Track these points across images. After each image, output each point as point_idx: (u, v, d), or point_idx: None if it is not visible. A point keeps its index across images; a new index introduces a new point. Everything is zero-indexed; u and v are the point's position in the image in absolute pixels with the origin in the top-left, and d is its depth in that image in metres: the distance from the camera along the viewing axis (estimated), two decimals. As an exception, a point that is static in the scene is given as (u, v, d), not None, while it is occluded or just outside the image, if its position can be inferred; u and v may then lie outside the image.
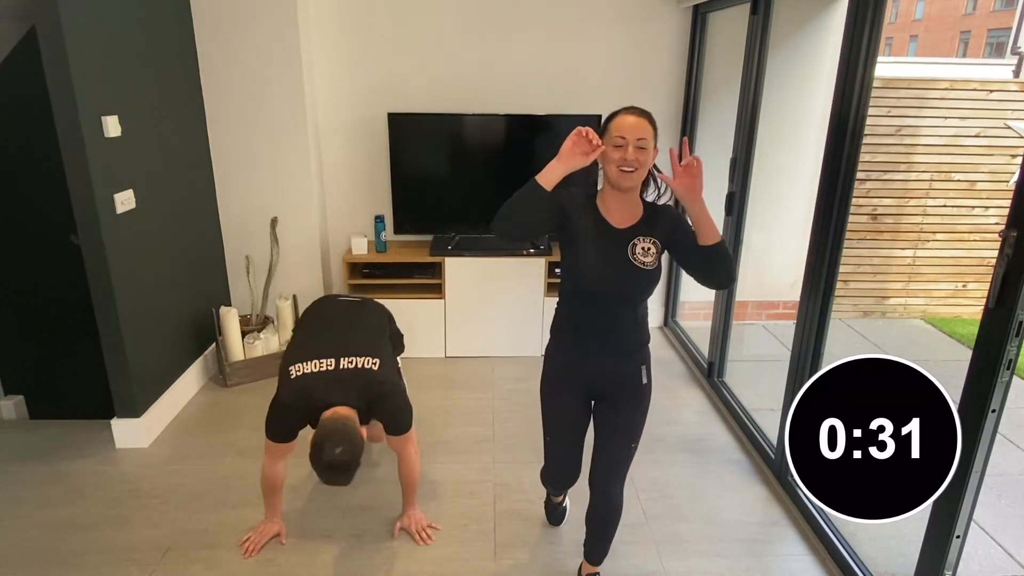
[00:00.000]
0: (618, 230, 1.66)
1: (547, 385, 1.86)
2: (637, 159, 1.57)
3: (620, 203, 1.66)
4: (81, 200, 2.44)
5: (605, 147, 1.58)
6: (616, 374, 1.76)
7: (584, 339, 1.73)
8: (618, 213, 1.67)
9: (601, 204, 1.68)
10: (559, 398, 1.84)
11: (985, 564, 2.32)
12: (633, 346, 1.75)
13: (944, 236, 4.69)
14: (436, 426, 2.95)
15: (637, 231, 1.66)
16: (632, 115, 1.60)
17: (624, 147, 1.57)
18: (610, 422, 1.80)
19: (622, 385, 1.77)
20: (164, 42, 2.96)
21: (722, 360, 3.25)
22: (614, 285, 1.65)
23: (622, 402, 1.78)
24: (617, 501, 1.88)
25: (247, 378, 3.31)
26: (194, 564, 2.12)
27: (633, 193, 1.66)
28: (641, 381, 1.77)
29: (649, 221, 1.68)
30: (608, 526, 1.93)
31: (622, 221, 1.67)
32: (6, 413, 3.04)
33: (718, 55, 3.56)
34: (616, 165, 1.58)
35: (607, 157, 1.59)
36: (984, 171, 4.56)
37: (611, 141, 1.59)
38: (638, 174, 1.60)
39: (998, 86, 4.49)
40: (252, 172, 3.43)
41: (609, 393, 1.79)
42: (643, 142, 1.57)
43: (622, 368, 1.75)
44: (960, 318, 4.84)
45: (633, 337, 1.74)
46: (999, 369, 1.48)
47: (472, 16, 3.53)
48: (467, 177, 3.65)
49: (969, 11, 22.19)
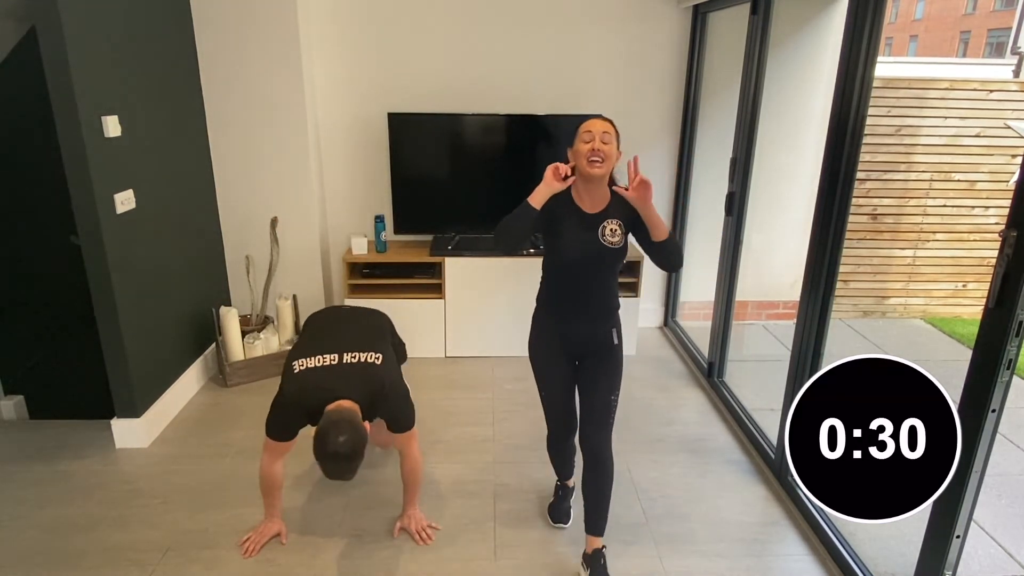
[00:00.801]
0: (589, 215, 1.95)
1: (534, 348, 2.15)
2: (603, 150, 1.86)
3: (591, 192, 1.95)
4: (81, 200, 2.44)
5: (576, 146, 1.91)
6: (591, 337, 2.06)
7: (563, 307, 2.05)
8: (589, 201, 1.96)
9: (575, 194, 1.97)
10: (546, 358, 2.12)
11: (985, 564, 2.32)
12: (605, 312, 2.06)
13: (944, 236, 4.69)
14: (436, 426, 2.95)
15: (606, 215, 1.95)
16: (597, 119, 1.94)
17: (592, 140, 1.87)
18: (591, 378, 2.07)
19: (597, 346, 2.07)
20: (164, 42, 2.96)
21: (722, 360, 3.25)
22: (587, 262, 1.96)
23: (599, 361, 2.07)
24: (607, 457, 2.03)
25: (247, 378, 3.31)
26: (194, 564, 2.12)
27: (601, 183, 1.94)
28: (613, 342, 2.07)
29: (615, 207, 1.97)
30: (603, 488, 2.05)
31: (593, 207, 1.96)
32: (6, 413, 3.04)
33: (718, 55, 3.56)
34: (586, 157, 1.87)
35: (579, 153, 1.89)
36: (984, 171, 4.56)
37: (581, 139, 1.90)
38: (604, 166, 1.88)
39: (998, 86, 4.49)
40: (252, 172, 3.43)
41: (588, 354, 2.08)
42: (607, 136, 1.88)
43: (596, 331, 2.06)
44: (960, 318, 4.84)
45: (604, 304, 2.05)
46: (999, 369, 1.48)
47: (472, 16, 3.54)
48: (467, 177, 3.65)
49: (969, 11, 22.19)
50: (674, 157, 3.84)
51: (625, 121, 3.71)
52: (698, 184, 3.83)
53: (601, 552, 2.07)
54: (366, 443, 1.90)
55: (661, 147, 3.82)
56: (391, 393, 2.06)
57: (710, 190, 3.62)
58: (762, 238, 3.82)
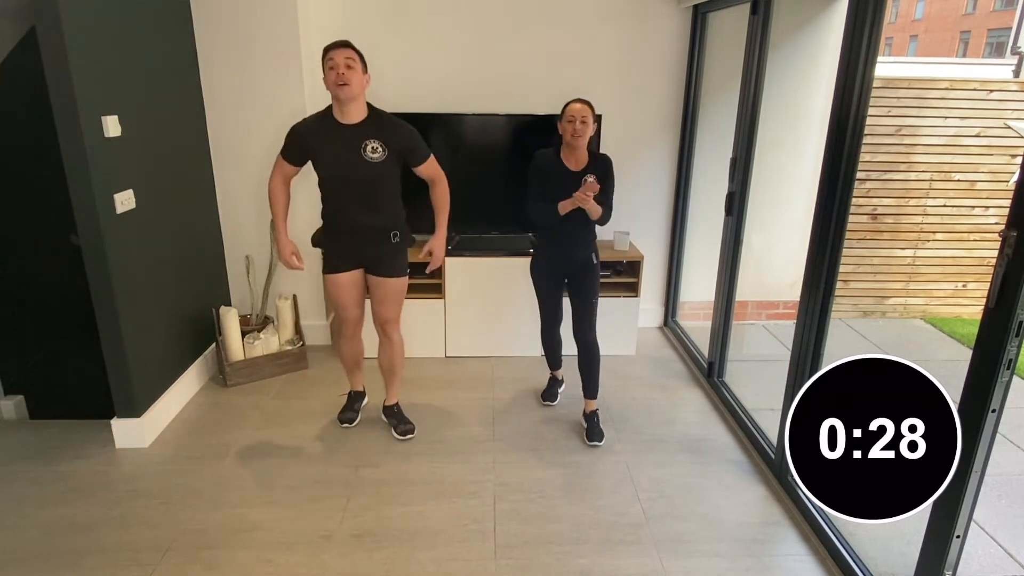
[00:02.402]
0: (572, 171, 2.66)
1: (535, 269, 2.90)
2: (581, 130, 2.57)
3: (574, 154, 2.66)
4: (81, 200, 2.44)
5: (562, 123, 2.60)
6: (577, 259, 2.78)
7: (556, 239, 2.78)
8: (572, 161, 2.67)
9: (563, 155, 2.68)
10: (543, 276, 2.88)
11: (985, 564, 2.32)
12: (586, 241, 2.78)
13: (944, 236, 4.69)
14: (436, 426, 2.95)
15: (585, 171, 2.65)
16: (577, 103, 2.60)
17: (574, 122, 2.56)
18: (578, 288, 2.83)
19: (581, 266, 2.79)
20: (164, 42, 2.96)
21: (722, 360, 3.25)
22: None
23: (583, 276, 2.80)
24: (593, 344, 2.83)
25: (247, 378, 3.31)
26: (194, 564, 2.12)
27: (581, 149, 2.64)
28: (593, 262, 2.80)
29: (592, 165, 2.68)
30: (592, 366, 2.87)
31: (576, 165, 2.67)
32: (6, 413, 3.04)
33: (718, 55, 3.56)
34: (569, 134, 2.58)
35: (564, 129, 2.60)
36: (984, 171, 4.55)
37: (566, 118, 2.59)
38: (583, 138, 2.59)
39: (998, 86, 4.49)
40: (252, 172, 3.43)
41: (574, 272, 2.82)
42: (585, 118, 2.56)
43: (580, 255, 2.78)
44: (960, 318, 4.83)
45: (585, 236, 2.77)
46: (999, 369, 1.48)
47: (472, 16, 3.54)
48: (467, 177, 3.64)
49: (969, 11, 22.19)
50: (674, 157, 3.84)
51: (625, 121, 3.74)
52: (698, 184, 3.83)
53: (596, 412, 2.92)
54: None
55: (661, 147, 3.81)
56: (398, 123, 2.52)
57: (710, 190, 3.62)
58: (762, 238, 3.82)
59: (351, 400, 2.99)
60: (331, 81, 2.34)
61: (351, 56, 2.35)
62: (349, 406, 2.98)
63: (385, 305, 2.71)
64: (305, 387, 3.30)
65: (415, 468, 2.64)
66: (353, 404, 2.98)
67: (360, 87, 2.39)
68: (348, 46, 2.37)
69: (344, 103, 2.39)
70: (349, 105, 2.40)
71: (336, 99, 2.40)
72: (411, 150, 2.54)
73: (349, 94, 2.35)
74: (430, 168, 2.62)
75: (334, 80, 2.33)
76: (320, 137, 2.44)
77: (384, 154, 2.46)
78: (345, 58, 2.33)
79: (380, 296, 2.69)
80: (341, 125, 2.43)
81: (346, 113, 2.42)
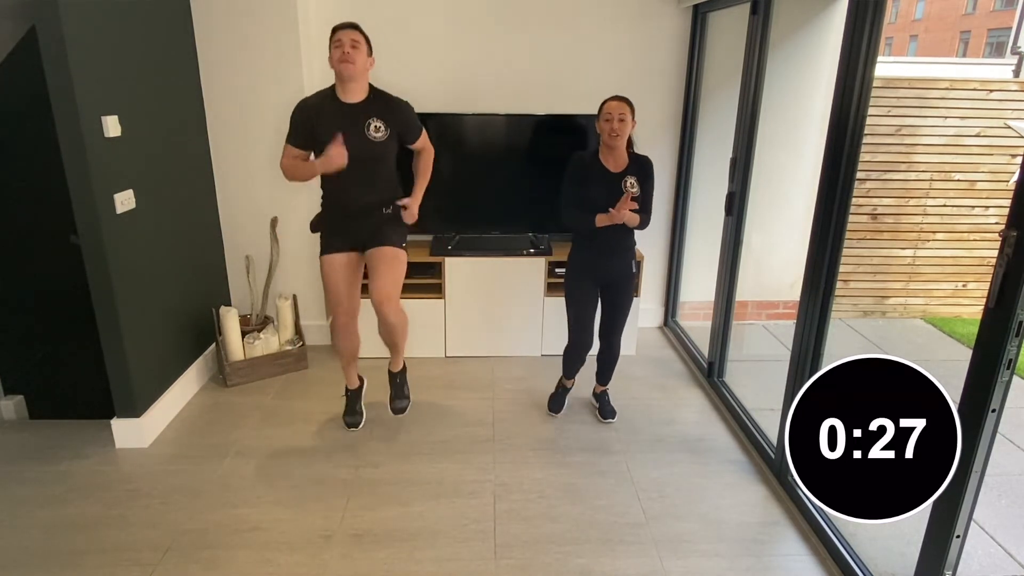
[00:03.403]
0: (613, 173, 2.59)
1: (572, 280, 2.78)
2: (620, 128, 2.52)
3: (613, 155, 2.59)
4: (81, 200, 2.44)
5: (600, 123, 2.56)
6: (617, 268, 2.72)
7: (597, 247, 2.68)
8: (612, 162, 2.60)
9: (602, 156, 2.61)
10: (579, 286, 2.75)
11: (985, 564, 2.32)
12: (625, 248, 2.71)
13: (944, 236, 4.69)
14: (436, 426, 2.95)
15: (626, 173, 2.60)
16: (614, 100, 2.55)
17: (611, 120, 2.51)
18: (613, 299, 2.79)
19: (620, 276, 2.74)
20: (164, 42, 2.96)
21: (722, 360, 3.25)
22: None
23: (620, 287, 2.76)
24: (618, 346, 2.90)
25: (247, 378, 3.31)
26: (194, 564, 2.12)
27: (620, 149, 2.57)
28: (631, 271, 2.75)
29: (632, 167, 2.61)
30: (613, 362, 2.95)
31: (616, 167, 2.60)
32: (6, 413, 3.04)
33: (718, 55, 3.56)
34: (607, 134, 2.53)
35: (602, 128, 2.55)
36: (984, 171, 4.55)
37: (603, 117, 2.54)
38: (621, 137, 2.53)
39: (998, 86, 4.49)
40: (252, 172, 3.43)
41: (613, 281, 2.75)
42: (623, 115, 2.51)
43: (620, 264, 2.72)
44: (960, 318, 4.83)
45: (625, 243, 2.70)
46: (999, 369, 1.48)
47: (471, 16, 3.54)
48: (467, 177, 3.65)
49: (969, 11, 22.18)
50: (674, 157, 3.84)
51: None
52: (698, 184, 3.82)
53: (606, 391, 3.05)
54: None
55: (661, 147, 3.81)
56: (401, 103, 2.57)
57: (710, 190, 3.62)
58: (762, 238, 3.82)
59: (351, 401, 2.98)
60: (335, 59, 2.42)
61: (357, 37, 2.43)
62: (351, 408, 2.96)
63: (380, 276, 2.56)
64: (305, 387, 3.30)
65: (415, 468, 2.64)
66: (354, 405, 2.97)
67: (363, 67, 2.46)
68: (355, 27, 2.46)
69: (346, 81, 2.45)
70: (351, 84, 2.46)
71: (339, 77, 2.47)
72: (409, 127, 2.60)
73: (351, 72, 2.42)
74: (423, 141, 2.69)
75: (338, 58, 2.40)
76: (323, 114, 2.49)
77: (386, 133, 2.52)
78: (351, 38, 2.41)
79: (375, 265, 2.58)
80: (343, 104, 2.49)
81: (348, 92, 2.48)
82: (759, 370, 3.68)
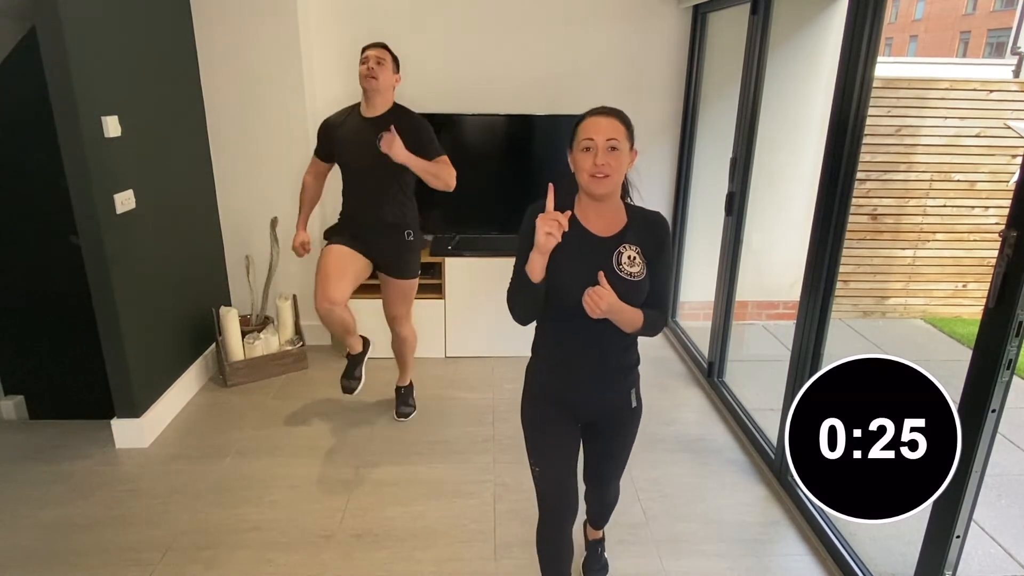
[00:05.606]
0: (600, 238, 1.51)
1: (530, 406, 1.68)
2: (608, 163, 1.42)
3: (599, 210, 1.52)
4: (81, 200, 2.44)
5: (575, 154, 1.47)
6: (605, 401, 1.64)
7: (569, 363, 1.58)
8: (598, 220, 1.52)
9: (580, 213, 1.52)
10: (544, 419, 1.65)
11: (985, 564, 2.32)
12: (622, 370, 1.62)
13: (944, 236, 4.69)
14: (436, 426, 2.95)
15: (622, 238, 1.51)
16: (600, 115, 1.46)
17: (593, 150, 1.42)
18: (602, 449, 1.73)
19: (613, 413, 1.67)
20: (164, 42, 2.96)
21: (722, 360, 3.25)
22: None
23: (614, 430, 1.69)
24: (615, 491, 1.93)
25: (247, 378, 3.31)
26: (194, 564, 2.12)
27: (611, 199, 1.52)
28: (631, 406, 1.68)
29: (635, 227, 1.53)
30: (607, 509, 1.98)
31: (605, 229, 1.52)
32: (6, 413, 3.04)
33: (718, 55, 3.56)
34: (587, 172, 1.44)
35: (578, 165, 1.46)
36: (984, 171, 4.56)
37: (579, 146, 1.45)
38: (612, 180, 1.44)
39: (998, 86, 4.49)
40: (252, 172, 3.43)
41: (599, 421, 1.68)
42: (614, 142, 1.42)
43: (611, 394, 1.63)
44: (960, 318, 4.83)
45: (621, 360, 1.59)
46: (999, 369, 1.48)
47: (471, 16, 3.54)
48: (467, 177, 3.62)
49: (969, 11, 22.19)
50: (674, 157, 3.84)
51: (625, 121, 3.74)
52: (698, 184, 3.82)
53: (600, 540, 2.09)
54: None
55: (661, 147, 3.81)
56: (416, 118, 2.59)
57: (710, 190, 3.61)
58: (762, 238, 3.82)
59: (351, 364, 2.85)
60: (361, 74, 2.53)
61: (382, 55, 2.55)
62: (349, 371, 2.83)
63: (394, 304, 2.84)
64: (305, 387, 3.30)
65: (415, 468, 2.64)
66: (353, 370, 2.84)
67: (387, 83, 2.57)
68: (383, 46, 2.58)
69: (370, 96, 2.56)
70: (375, 98, 2.56)
71: (364, 92, 2.57)
72: (421, 144, 2.55)
73: (375, 87, 2.52)
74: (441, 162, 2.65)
75: (364, 73, 2.52)
76: (342, 127, 2.63)
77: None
78: (376, 55, 2.53)
79: (390, 295, 2.82)
80: (363, 118, 2.60)
81: (371, 106, 2.59)
82: (759, 370, 3.68)
